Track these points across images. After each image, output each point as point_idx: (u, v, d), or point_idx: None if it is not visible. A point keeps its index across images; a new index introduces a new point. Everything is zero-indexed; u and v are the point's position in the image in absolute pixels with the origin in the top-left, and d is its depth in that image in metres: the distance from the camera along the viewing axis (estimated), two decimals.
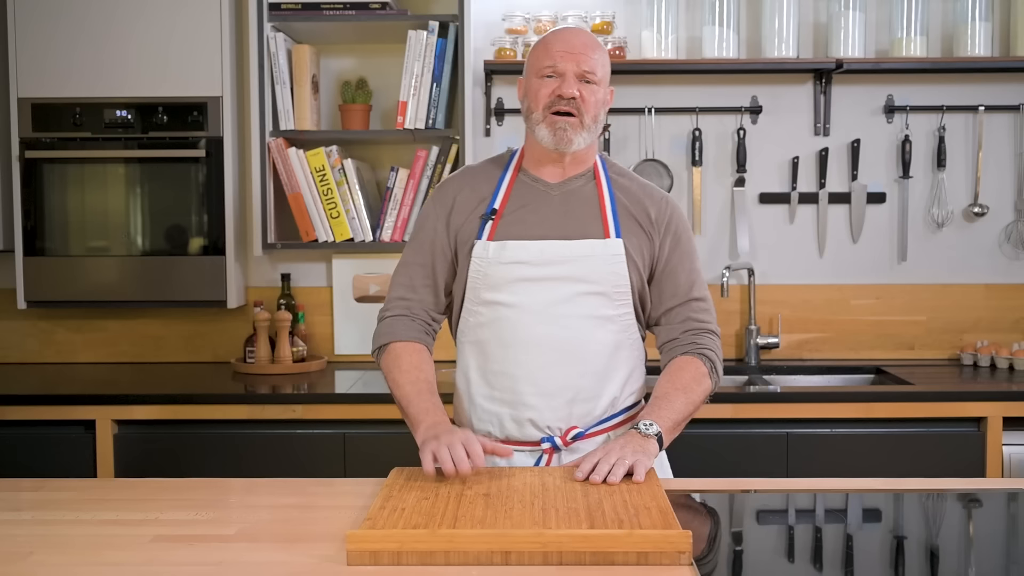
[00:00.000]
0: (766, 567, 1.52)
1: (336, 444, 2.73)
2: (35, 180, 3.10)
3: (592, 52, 1.91)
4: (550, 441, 1.91)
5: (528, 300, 1.91)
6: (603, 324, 1.93)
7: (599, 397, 1.94)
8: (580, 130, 1.91)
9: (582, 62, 1.89)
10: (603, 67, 1.94)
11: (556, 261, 1.91)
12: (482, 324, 1.95)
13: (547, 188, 1.97)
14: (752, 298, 3.30)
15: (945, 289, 3.36)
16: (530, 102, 1.94)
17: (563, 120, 1.89)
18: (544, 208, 1.96)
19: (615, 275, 1.92)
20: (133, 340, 3.38)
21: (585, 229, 1.94)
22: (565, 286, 1.91)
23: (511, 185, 1.98)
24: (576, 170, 1.98)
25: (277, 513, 1.71)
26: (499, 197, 1.97)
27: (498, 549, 1.43)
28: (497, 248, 1.92)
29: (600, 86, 1.93)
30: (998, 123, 3.33)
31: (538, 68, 1.92)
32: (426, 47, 3.06)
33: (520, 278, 1.91)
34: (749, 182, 3.35)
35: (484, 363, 1.96)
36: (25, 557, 1.48)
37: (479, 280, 1.94)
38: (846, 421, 2.75)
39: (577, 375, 1.92)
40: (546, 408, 1.92)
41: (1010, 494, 1.82)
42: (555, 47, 1.90)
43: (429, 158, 3.11)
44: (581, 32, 1.95)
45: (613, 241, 1.93)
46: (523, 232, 1.93)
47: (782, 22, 3.19)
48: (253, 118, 3.10)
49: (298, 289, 3.35)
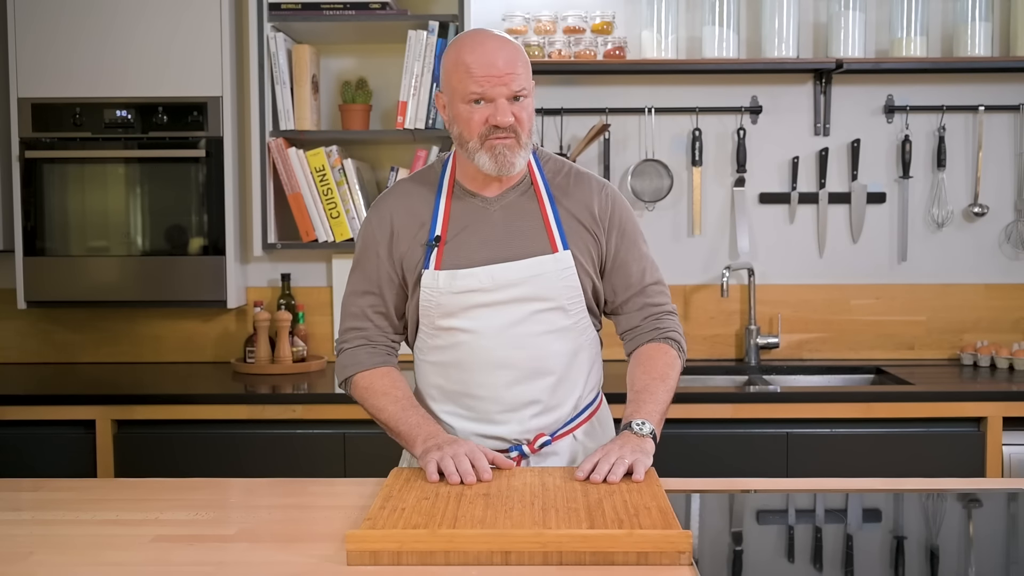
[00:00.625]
0: (766, 567, 1.52)
1: (336, 444, 2.73)
2: (35, 180, 3.10)
3: (516, 66, 1.79)
4: (518, 449, 1.91)
5: (485, 324, 1.88)
6: (561, 335, 1.92)
7: (563, 404, 1.94)
8: (519, 150, 1.83)
9: (511, 82, 1.78)
10: (529, 76, 1.83)
11: (508, 284, 1.87)
12: (440, 347, 1.93)
13: (486, 204, 1.91)
14: (752, 298, 3.30)
15: (945, 289, 3.36)
16: (461, 129, 1.83)
17: (501, 144, 1.81)
18: (487, 228, 1.90)
19: (568, 288, 1.90)
20: (133, 340, 3.38)
21: (531, 246, 1.89)
22: (520, 307, 1.88)
23: (448, 204, 1.91)
24: (512, 180, 1.91)
25: (277, 513, 1.71)
26: (439, 221, 1.90)
27: (498, 549, 1.43)
28: (447, 277, 1.87)
29: (530, 97, 1.84)
30: (998, 123, 3.33)
31: (463, 93, 1.80)
32: (426, 47, 3.06)
33: (474, 304, 1.88)
34: (749, 182, 3.35)
35: (446, 383, 1.94)
36: (25, 557, 1.48)
37: (432, 308, 1.90)
38: (846, 421, 2.75)
39: (540, 390, 1.91)
40: (513, 422, 1.91)
41: (1010, 494, 1.82)
42: (477, 71, 1.77)
43: (429, 158, 3.11)
44: (499, 45, 1.81)
45: (562, 254, 1.89)
46: (470, 257, 1.88)
47: (782, 22, 3.19)
48: (253, 118, 3.10)
49: (298, 289, 3.35)
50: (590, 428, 2.00)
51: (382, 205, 1.97)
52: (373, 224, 1.95)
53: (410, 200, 1.94)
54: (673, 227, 3.36)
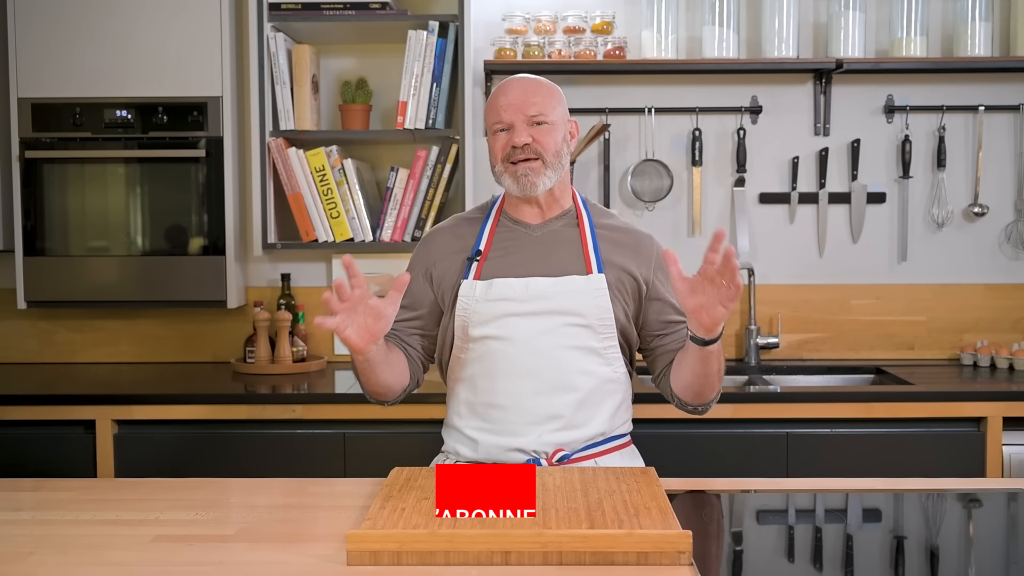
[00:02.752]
0: (766, 567, 1.52)
1: (336, 444, 2.73)
2: (35, 180, 3.10)
3: (535, 96, 1.97)
4: (535, 462, 1.93)
5: (515, 333, 1.95)
6: (589, 355, 1.97)
7: (586, 425, 1.96)
8: (543, 171, 1.96)
9: (527, 108, 1.95)
10: (552, 107, 1.98)
11: (541, 296, 1.96)
12: (471, 360, 1.99)
13: (528, 230, 2.04)
14: (752, 298, 3.30)
15: (945, 289, 3.36)
16: (492, 157, 2.02)
17: (523, 166, 1.96)
18: (527, 248, 2.02)
19: (599, 308, 1.96)
20: (133, 340, 3.38)
21: (567, 267, 1.99)
22: (551, 319, 1.95)
23: (493, 229, 2.05)
24: (554, 211, 2.04)
25: (277, 513, 1.71)
26: (483, 240, 2.04)
27: (498, 549, 1.43)
28: (484, 287, 1.98)
29: (555, 125, 1.98)
30: (998, 123, 3.33)
31: (491, 125, 2.00)
32: (426, 47, 3.06)
33: (507, 313, 1.96)
34: (749, 182, 3.35)
35: (473, 396, 2.00)
36: (25, 557, 1.48)
37: (467, 318, 1.98)
38: (846, 421, 2.75)
39: (564, 404, 1.94)
40: (534, 435, 1.94)
41: (1010, 494, 1.82)
42: (499, 102, 1.97)
43: (429, 158, 3.11)
44: (525, 81, 2.01)
45: (595, 276, 1.98)
46: (508, 270, 1.99)
47: (782, 22, 3.19)
48: (253, 118, 3.10)
49: (298, 289, 3.35)
50: (615, 461, 2.00)
51: (432, 231, 2.13)
52: (419, 248, 2.11)
53: (459, 228, 2.10)
54: (673, 227, 3.36)
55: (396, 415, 2.71)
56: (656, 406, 2.53)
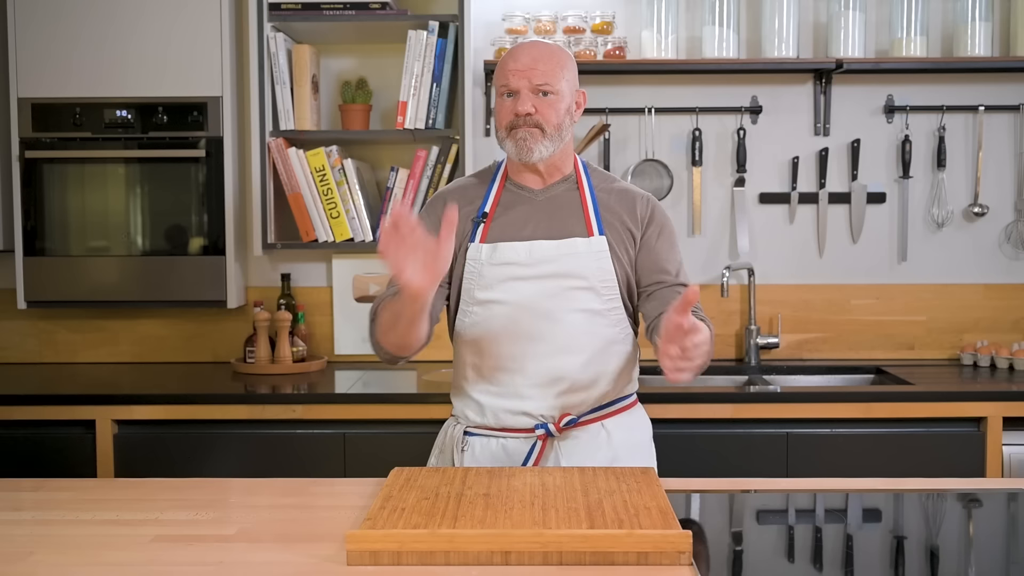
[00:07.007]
0: (766, 567, 1.52)
1: (336, 444, 2.73)
2: (35, 180, 3.10)
3: (543, 64, 1.96)
4: (544, 428, 1.97)
5: (519, 296, 1.97)
6: (593, 318, 1.99)
7: (592, 387, 1.99)
8: (541, 139, 1.97)
9: (534, 77, 1.95)
10: (560, 77, 1.97)
11: (544, 260, 1.98)
12: (476, 323, 2.01)
13: (532, 194, 2.06)
14: (752, 298, 3.30)
15: (945, 289, 3.36)
16: (496, 121, 2.03)
17: (523, 131, 1.96)
18: (530, 212, 2.03)
19: (601, 270, 1.98)
20: (133, 340, 3.38)
21: (569, 229, 2.01)
22: (554, 282, 1.97)
23: (499, 193, 2.07)
24: (555, 177, 2.06)
25: (277, 513, 1.71)
26: (489, 202, 2.05)
27: (498, 549, 1.43)
28: (489, 250, 2.00)
29: (560, 95, 1.97)
30: (998, 123, 3.33)
31: (498, 87, 2.00)
32: (426, 47, 3.06)
33: (511, 277, 1.98)
34: (749, 182, 3.35)
35: (479, 360, 2.02)
36: (25, 557, 1.48)
37: (473, 280, 2.01)
38: (846, 421, 2.75)
39: (569, 366, 1.97)
40: (540, 398, 1.98)
41: (1010, 494, 1.82)
42: (508, 66, 1.98)
43: (429, 158, 3.11)
44: (535, 46, 2.00)
45: (597, 239, 2.00)
46: (512, 234, 2.01)
47: (782, 22, 3.19)
48: (253, 118, 3.10)
49: (298, 289, 3.35)
50: (622, 423, 2.04)
51: (441, 192, 2.14)
52: (429, 207, 2.11)
53: (465, 190, 2.11)
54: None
55: (396, 415, 2.71)
56: (656, 406, 2.53)
